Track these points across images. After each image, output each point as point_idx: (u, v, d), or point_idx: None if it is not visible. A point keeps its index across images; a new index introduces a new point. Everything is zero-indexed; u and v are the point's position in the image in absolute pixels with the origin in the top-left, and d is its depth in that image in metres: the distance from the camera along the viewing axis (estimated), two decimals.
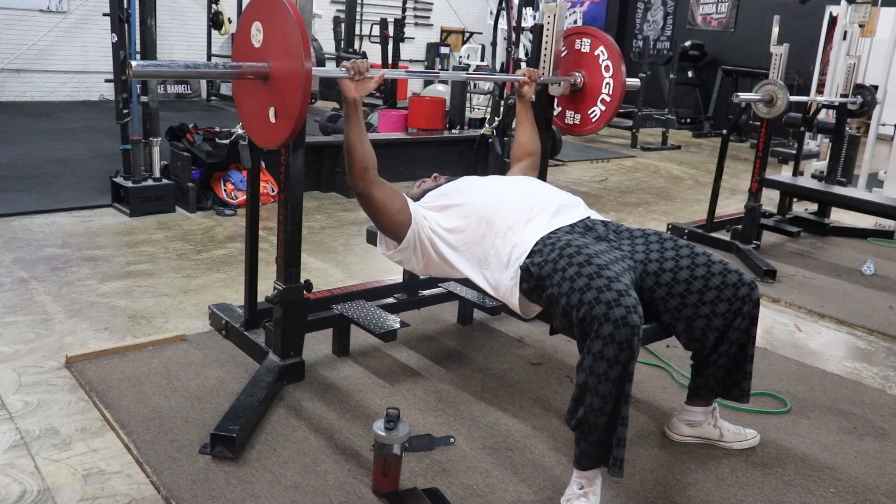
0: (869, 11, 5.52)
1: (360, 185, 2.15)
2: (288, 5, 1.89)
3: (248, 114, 2.17)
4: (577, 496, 1.84)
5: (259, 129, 2.11)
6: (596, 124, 2.85)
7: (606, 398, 1.72)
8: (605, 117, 2.81)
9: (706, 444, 2.24)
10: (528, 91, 2.71)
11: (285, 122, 1.97)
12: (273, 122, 2.02)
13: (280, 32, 1.93)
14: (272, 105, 2.00)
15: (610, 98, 2.77)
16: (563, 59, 2.87)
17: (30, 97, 8.82)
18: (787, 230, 4.65)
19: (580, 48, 2.82)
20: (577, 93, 2.85)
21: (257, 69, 2.00)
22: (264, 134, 2.09)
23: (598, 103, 2.80)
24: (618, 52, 2.74)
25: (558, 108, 2.95)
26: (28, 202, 4.39)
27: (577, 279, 1.80)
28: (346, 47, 8.10)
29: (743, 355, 2.07)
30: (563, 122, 2.96)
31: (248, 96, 2.13)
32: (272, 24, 1.96)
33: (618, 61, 2.72)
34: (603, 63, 2.76)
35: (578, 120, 2.89)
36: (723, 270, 1.99)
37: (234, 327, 2.65)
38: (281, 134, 2.01)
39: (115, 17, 4.20)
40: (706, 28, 11.26)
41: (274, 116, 2.01)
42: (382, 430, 1.85)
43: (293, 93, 1.91)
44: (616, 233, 2.11)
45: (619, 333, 1.68)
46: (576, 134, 2.98)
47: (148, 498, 1.85)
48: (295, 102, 1.91)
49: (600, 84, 2.78)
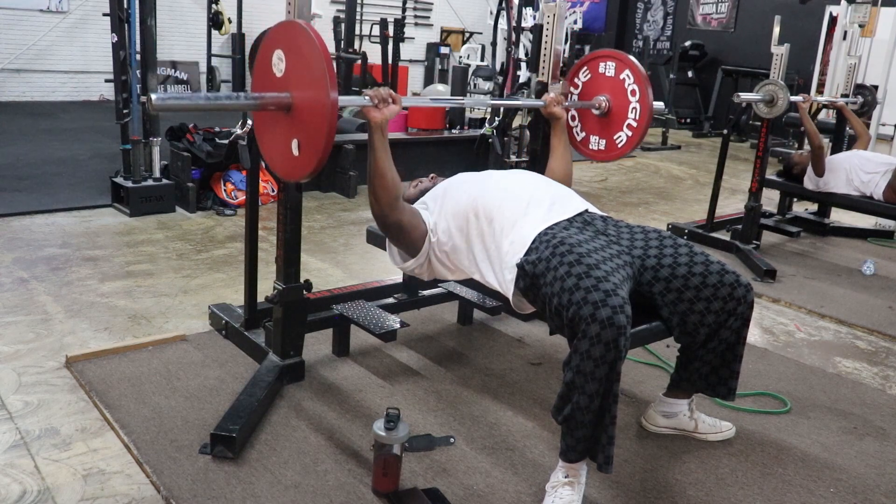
0: (869, 11, 5.52)
1: (391, 216, 2.11)
2: (311, 33, 1.82)
3: (269, 146, 2.08)
4: (562, 484, 1.86)
5: (282, 162, 2.02)
6: (622, 150, 2.73)
7: (593, 397, 1.74)
8: (631, 143, 2.70)
9: (681, 435, 2.27)
10: (559, 111, 2.60)
11: (310, 154, 1.88)
12: (297, 155, 1.93)
13: (303, 61, 1.85)
14: (295, 137, 1.92)
15: (637, 123, 2.66)
16: (588, 83, 2.79)
17: (30, 97, 8.81)
18: (787, 230, 4.65)
19: (605, 71, 2.73)
20: (603, 117, 2.75)
21: (279, 100, 1.91)
22: (287, 167, 2.00)
23: (624, 128, 2.70)
24: (644, 75, 2.64)
25: (582, 133, 2.85)
26: (28, 202, 4.39)
27: (566, 279, 1.80)
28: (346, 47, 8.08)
29: (732, 355, 2.09)
30: (588, 148, 2.84)
31: (269, 128, 2.05)
32: (294, 52, 1.88)
33: (644, 85, 2.63)
34: (629, 87, 2.66)
35: (604, 145, 2.78)
36: (720, 270, 2.00)
37: (234, 327, 2.65)
38: (306, 167, 1.91)
39: (115, 17, 4.20)
40: (706, 28, 11.26)
41: (297, 149, 1.92)
42: (382, 430, 1.85)
43: (318, 124, 1.82)
44: (615, 227, 2.12)
45: (606, 334, 1.69)
46: (601, 160, 2.86)
47: (148, 498, 1.85)
48: (320, 134, 1.82)
49: (626, 108, 2.68)
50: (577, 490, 1.86)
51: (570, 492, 1.85)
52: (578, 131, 2.87)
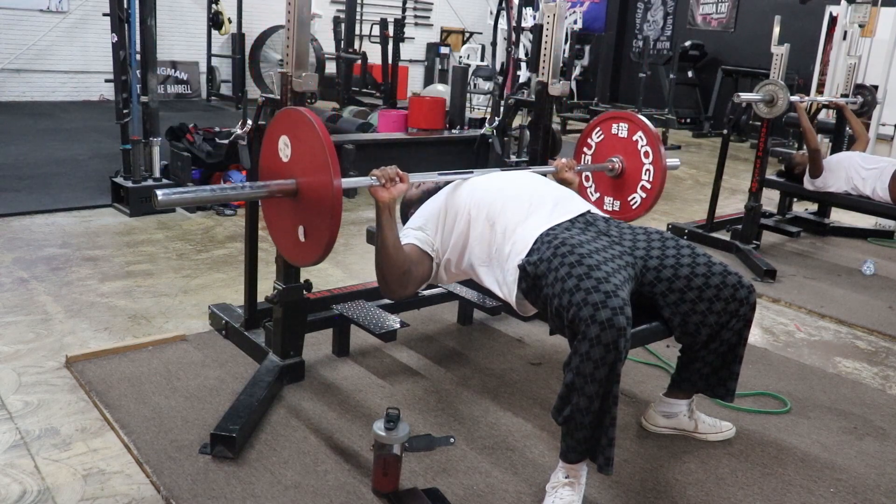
0: (869, 11, 5.52)
1: (398, 292, 2.10)
2: (312, 120, 1.83)
3: (277, 231, 2.08)
4: (562, 484, 1.86)
5: (289, 247, 2.03)
6: (636, 211, 2.71)
7: (593, 398, 1.74)
8: (646, 204, 2.67)
9: (681, 435, 2.27)
10: (570, 176, 2.55)
11: (315, 241, 1.89)
12: (303, 241, 1.94)
13: (307, 148, 1.86)
14: (301, 223, 1.93)
15: (650, 185, 2.64)
16: (600, 144, 2.78)
17: (30, 97, 8.81)
18: (787, 230, 4.65)
19: (617, 133, 2.73)
20: (616, 179, 2.74)
21: (285, 187, 1.91)
22: (295, 252, 2.01)
23: (638, 190, 2.68)
24: (657, 136, 2.64)
25: (597, 194, 2.84)
26: (28, 202, 4.39)
27: (567, 280, 1.80)
28: (346, 47, 8.09)
29: (732, 356, 2.09)
30: (602, 208, 2.80)
31: (277, 213, 2.05)
32: (298, 139, 1.89)
33: (657, 146, 2.62)
34: (642, 149, 2.65)
35: (618, 207, 2.76)
36: (723, 271, 2.00)
37: (234, 327, 2.65)
38: (312, 253, 1.92)
39: (115, 17, 4.20)
40: (706, 28, 11.25)
41: (304, 235, 1.93)
42: (382, 430, 1.85)
43: (323, 210, 1.83)
44: (618, 228, 2.11)
45: (606, 335, 1.69)
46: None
47: (148, 498, 1.85)
48: (325, 220, 1.83)
49: (640, 170, 2.66)
50: (577, 490, 1.86)
51: (570, 492, 1.85)
52: (592, 192, 2.86)
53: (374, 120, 6.38)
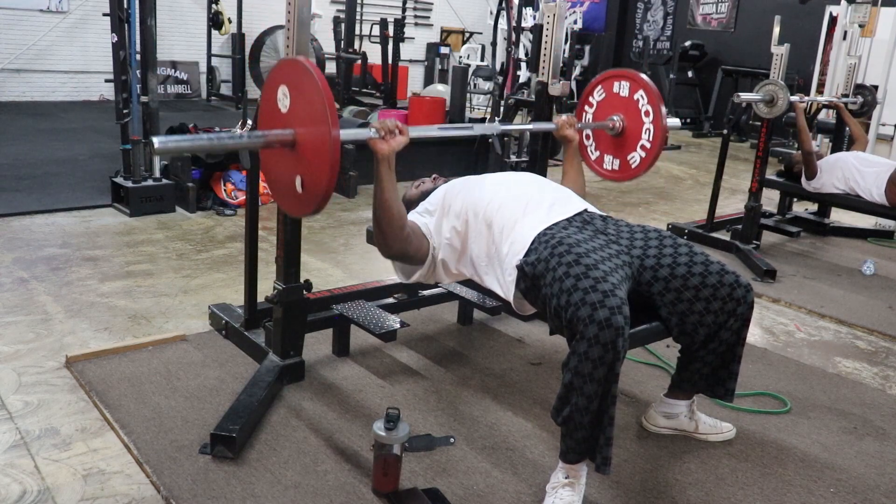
0: (869, 11, 5.52)
1: (395, 246, 2.10)
2: (312, 70, 1.81)
3: (274, 181, 2.07)
4: (562, 485, 1.86)
5: (286, 198, 2.02)
6: (636, 171, 2.70)
7: (592, 398, 1.74)
8: (645, 163, 2.67)
9: (682, 435, 2.27)
10: (571, 133, 2.56)
11: (313, 192, 1.88)
12: (300, 192, 1.92)
13: (306, 99, 1.85)
14: (298, 174, 1.91)
15: (650, 144, 2.63)
16: (602, 102, 2.77)
17: (30, 97, 8.81)
18: (787, 230, 4.65)
19: (619, 91, 2.71)
20: (617, 137, 2.73)
21: (283, 137, 1.90)
22: (292, 203, 2.00)
23: (637, 149, 2.67)
24: (657, 95, 2.62)
25: (596, 153, 2.83)
26: (28, 202, 4.39)
27: (565, 280, 1.80)
28: (346, 47, 8.09)
29: (731, 355, 2.09)
30: (602, 168, 2.81)
31: (275, 164, 2.04)
32: (298, 89, 1.87)
33: (658, 105, 2.60)
34: (643, 108, 2.63)
35: (618, 166, 2.76)
36: (720, 270, 2.00)
37: (234, 327, 2.65)
38: (309, 204, 1.91)
39: (115, 17, 4.20)
40: (706, 28, 11.25)
41: (301, 186, 1.91)
42: (382, 430, 1.85)
43: (321, 162, 1.81)
44: (615, 226, 2.11)
45: (604, 335, 1.69)
46: (615, 180, 2.82)
47: (148, 498, 1.85)
48: (323, 172, 1.81)
49: (640, 129, 2.65)
50: (577, 491, 1.86)
51: (570, 492, 1.85)
52: (592, 150, 2.85)
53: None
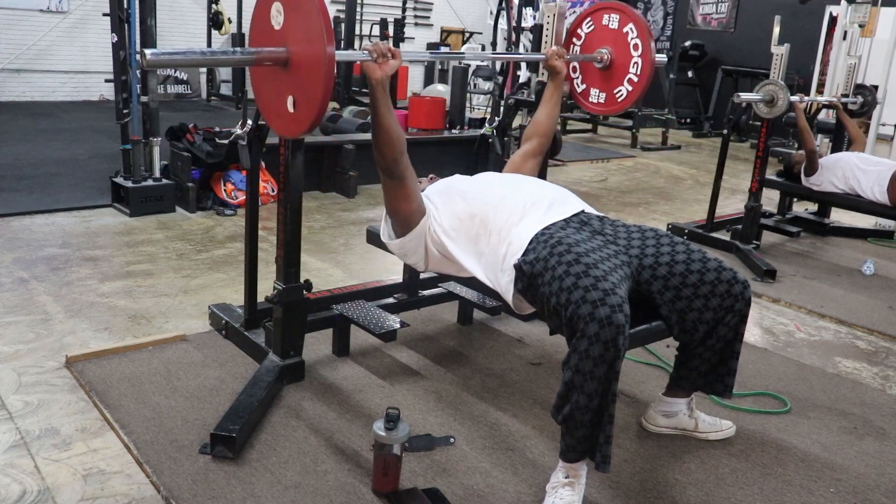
0: (869, 11, 5.52)
1: (396, 169, 2.08)
2: None
3: (265, 102, 2.05)
4: (562, 484, 1.86)
5: (278, 118, 2.01)
6: (622, 104, 2.70)
7: (592, 396, 1.74)
8: (631, 97, 2.67)
9: (682, 434, 2.27)
10: (559, 65, 2.55)
11: (306, 110, 1.86)
12: (292, 112, 1.91)
13: (301, 16, 1.83)
14: (291, 93, 1.90)
15: (638, 78, 2.63)
16: (590, 35, 2.75)
17: (30, 97, 8.81)
18: (787, 230, 4.65)
19: (608, 24, 2.69)
20: (604, 70, 2.71)
21: (276, 55, 1.88)
22: (283, 124, 1.99)
23: (624, 83, 2.67)
24: (647, 28, 2.61)
25: (582, 86, 2.82)
26: (28, 202, 4.39)
27: (565, 278, 1.81)
28: (346, 47, 8.09)
29: (729, 351, 2.10)
30: (588, 101, 2.82)
31: (266, 83, 2.02)
32: (292, 7, 1.86)
33: (647, 39, 2.59)
34: (632, 41, 2.62)
35: (604, 99, 2.75)
36: (717, 267, 2.01)
37: (234, 327, 2.65)
38: (301, 123, 1.89)
39: (115, 17, 4.20)
40: (706, 28, 11.25)
41: (293, 105, 1.90)
42: (382, 430, 1.85)
43: (315, 79, 1.79)
44: (612, 227, 2.12)
45: (604, 333, 1.69)
46: (600, 113, 2.84)
47: (148, 498, 1.85)
48: (316, 90, 1.79)
49: (628, 63, 2.64)
50: (577, 490, 1.86)
51: (570, 492, 1.85)
52: (579, 83, 2.84)
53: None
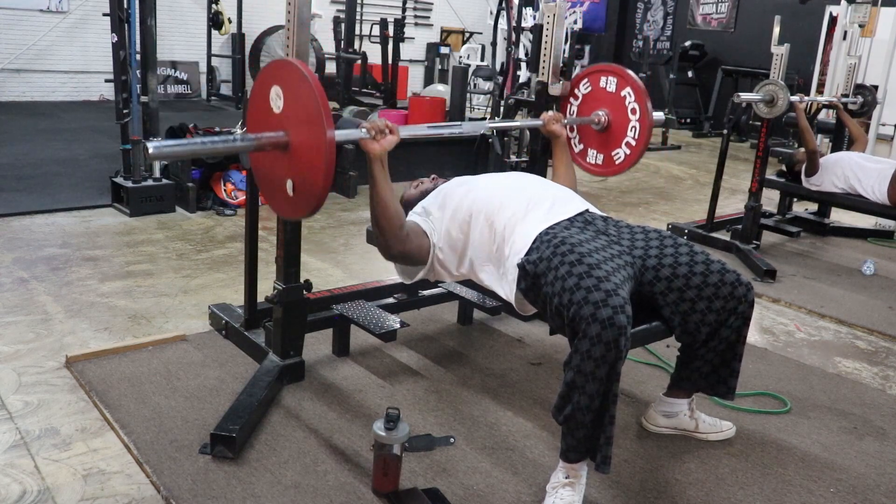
0: (869, 11, 5.52)
1: (394, 247, 2.10)
2: (305, 72, 1.80)
3: (265, 183, 2.04)
4: (562, 484, 1.86)
5: (277, 201, 1.99)
6: (619, 167, 2.69)
7: (593, 396, 1.74)
8: (629, 161, 2.65)
9: (682, 434, 2.27)
10: (558, 129, 2.57)
11: (306, 195, 1.85)
12: (291, 196, 1.90)
13: (299, 100, 1.82)
14: (290, 177, 1.88)
15: (635, 142, 2.62)
16: (588, 95, 2.76)
17: (30, 97, 8.81)
18: (787, 230, 4.65)
19: (605, 86, 2.69)
20: (602, 132, 2.71)
21: (276, 140, 1.87)
22: (284, 207, 1.98)
23: (622, 146, 2.66)
24: (644, 92, 2.60)
25: (580, 146, 2.82)
26: (28, 202, 4.39)
27: (567, 279, 1.81)
28: (346, 47, 8.09)
29: (732, 353, 2.10)
30: (585, 161, 2.80)
31: (265, 165, 2.01)
32: (290, 90, 1.86)
33: (644, 103, 2.58)
34: (629, 105, 2.61)
35: (601, 161, 2.74)
36: (721, 269, 2.01)
37: (234, 327, 2.65)
38: (301, 208, 1.89)
39: (115, 17, 4.20)
40: (706, 28, 11.25)
41: (292, 189, 1.89)
42: (382, 430, 1.85)
43: (315, 164, 1.78)
44: (616, 227, 2.12)
45: (606, 334, 1.69)
46: (598, 174, 2.82)
47: (148, 498, 1.85)
48: (317, 175, 1.78)
49: (626, 126, 2.63)
50: (577, 490, 1.86)
51: (570, 492, 1.85)
52: (577, 143, 2.84)
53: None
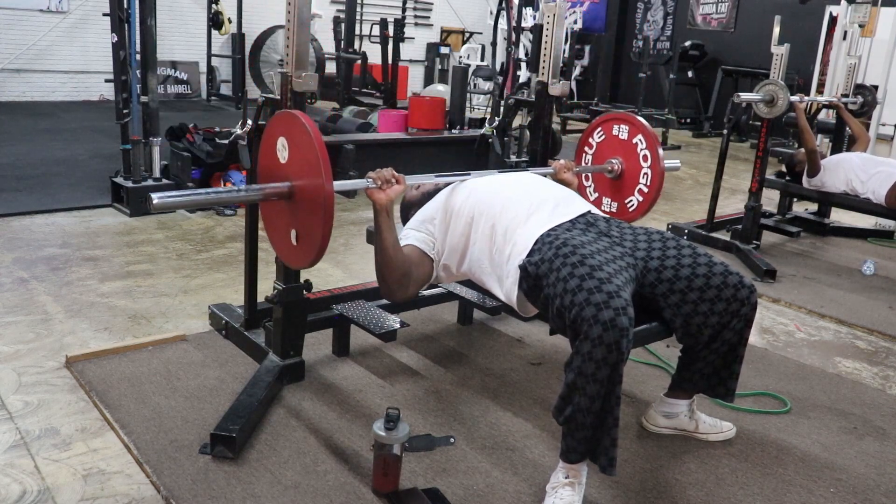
0: (869, 11, 5.52)
1: (398, 294, 2.10)
2: (307, 125, 1.83)
3: (273, 232, 2.08)
4: (562, 485, 1.86)
5: (284, 249, 2.04)
6: (633, 214, 2.71)
7: (594, 398, 1.74)
8: (642, 208, 2.68)
9: (682, 435, 2.27)
10: (570, 177, 2.56)
11: (308, 245, 1.90)
12: (295, 245, 1.94)
13: (301, 152, 1.87)
14: (294, 227, 1.93)
15: (647, 189, 2.65)
16: (601, 144, 2.79)
17: (30, 97, 8.81)
18: (787, 230, 4.65)
19: (618, 134, 2.73)
20: (615, 180, 2.74)
21: (279, 190, 1.93)
22: (288, 255, 2.02)
23: (635, 193, 2.68)
24: (655, 139, 2.63)
25: (595, 195, 2.86)
26: (28, 202, 4.39)
27: (569, 280, 1.80)
28: (346, 47, 8.09)
29: (733, 355, 2.09)
30: (600, 209, 2.77)
31: (274, 215, 2.06)
32: (294, 142, 1.90)
33: (655, 150, 2.61)
34: (641, 152, 2.65)
35: (616, 208, 2.76)
36: (724, 271, 2.00)
37: (234, 327, 2.65)
38: (305, 256, 1.94)
39: (115, 17, 4.20)
40: (706, 28, 11.25)
41: (295, 239, 1.94)
42: (382, 430, 1.85)
43: (315, 215, 1.84)
44: (618, 229, 2.11)
45: (608, 336, 1.69)
46: None
47: (148, 498, 1.85)
48: (317, 226, 1.83)
49: (638, 173, 2.67)
50: (577, 491, 1.86)
51: (570, 492, 1.85)
52: (591, 192, 2.87)
53: (374, 120, 6.38)
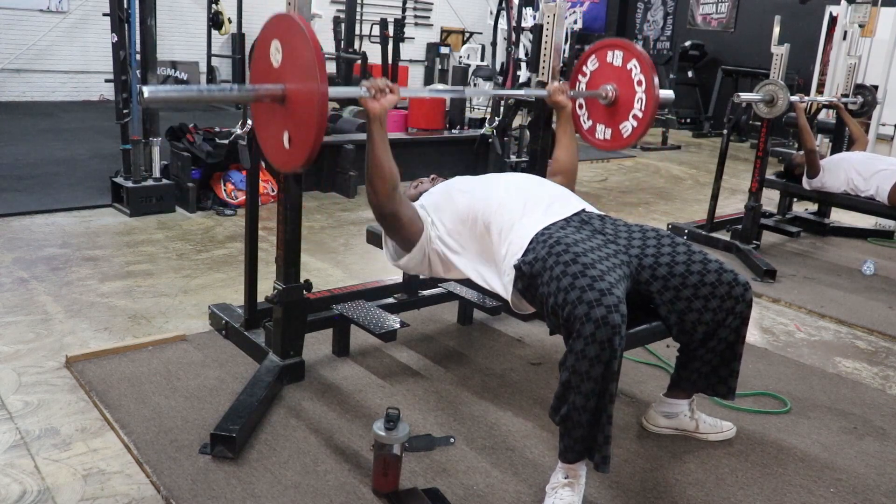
0: (869, 11, 5.52)
1: (387, 206, 2.10)
2: (302, 25, 1.82)
3: (264, 137, 2.08)
4: (562, 485, 1.86)
5: (275, 153, 2.04)
6: (628, 140, 2.72)
7: (589, 396, 1.74)
8: (637, 133, 2.68)
9: (682, 435, 2.27)
10: (563, 100, 2.57)
11: (300, 147, 1.89)
12: (287, 148, 1.94)
13: (296, 54, 1.86)
14: (286, 129, 1.93)
15: (642, 114, 2.64)
16: (596, 72, 2.78)
17: (30, 97, 8.81)
18: (787, 230, 4.65)
19: (612, 61, 2.71)
20: (610, 107, 2.73)
21: (273, 91, 1.91)
22: (279, 158, 2.02)
23: (629, 118, 2.68)
24: (650, 64, 2.62)
25: (589, 122, 2.85)
26: (28, 202, 4.39)
27: (562, 278, 1.81)
28: (346, 47, 8.08)
29: (731, 354, 2.09)
30: (594, 137, 2.83)
31: (266, 119, 2.06)
32: (289, 44, 1.89)
33: (650, 75, 2.60)
34: (635, 77, 2.63)
35: (609, 135, 2.77)
36: (718, 269, 2.00)
37: (234, 327, 2.65)
38: (296, 160, 1.92)
39: (115, 17, 4.20)
40: (706, 28, 11.26)
41: (288, 142, 1.93)
42: (382, 430, 1.85)
43: (308, 117, 1.83)
44: (613, 226, 2.12)
45: (600, 333, 1.69)
46: (607, 149, 2.85)
47: (148, 498, 1.85)
48: (310, 126, 1.82)
49: (632, 98, 2.66)
50: (577, 491, 1.86)
51: (570, 493, 1.85)
52: (585, 119, 2.86)
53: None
